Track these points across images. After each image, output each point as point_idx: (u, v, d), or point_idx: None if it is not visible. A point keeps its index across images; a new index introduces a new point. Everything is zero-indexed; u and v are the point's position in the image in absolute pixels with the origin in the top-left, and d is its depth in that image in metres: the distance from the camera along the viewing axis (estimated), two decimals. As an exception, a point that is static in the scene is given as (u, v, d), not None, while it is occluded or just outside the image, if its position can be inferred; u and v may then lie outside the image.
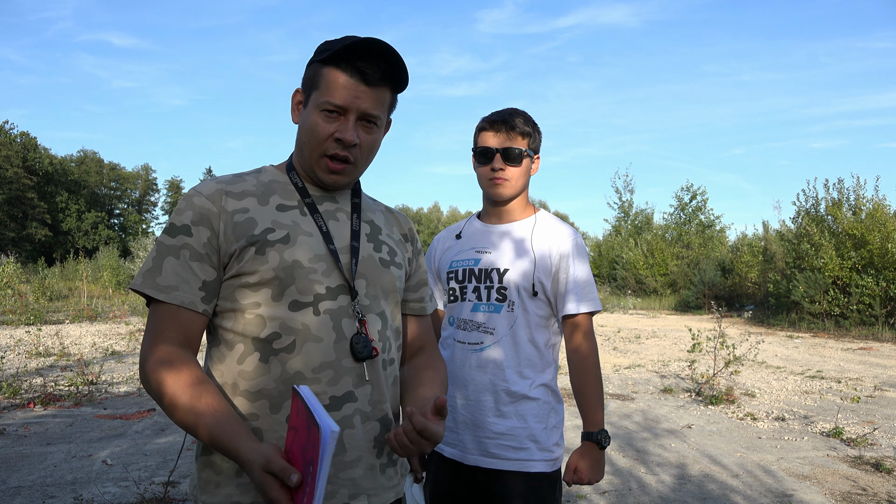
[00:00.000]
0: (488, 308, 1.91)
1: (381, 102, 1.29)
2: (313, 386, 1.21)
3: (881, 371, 9.07)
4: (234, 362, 1.23)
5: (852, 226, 15.32)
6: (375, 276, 1.33)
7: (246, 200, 1.27)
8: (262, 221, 1.25)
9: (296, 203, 1.31)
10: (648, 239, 26.17)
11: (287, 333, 1.22)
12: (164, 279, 1.20)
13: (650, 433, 5.54)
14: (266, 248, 1.22)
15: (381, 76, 1.27)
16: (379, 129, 1.32)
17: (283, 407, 1.21)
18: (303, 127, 1.30)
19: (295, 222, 1.28)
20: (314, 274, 1.24)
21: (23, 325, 12.33)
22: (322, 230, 1.29)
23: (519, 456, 1.86)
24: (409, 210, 50.44)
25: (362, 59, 1.24)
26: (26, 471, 4.19)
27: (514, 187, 1.93)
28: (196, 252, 1.22)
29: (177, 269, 1.21)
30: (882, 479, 4.41)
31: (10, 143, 41.11)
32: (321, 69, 1.27)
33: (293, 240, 1.25)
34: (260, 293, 1.22)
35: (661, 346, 11.63)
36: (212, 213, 1.24)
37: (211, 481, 1.22)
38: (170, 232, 1.24)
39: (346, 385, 1.24)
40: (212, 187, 1.27)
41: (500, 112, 1.94)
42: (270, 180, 1.33)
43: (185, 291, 1.21)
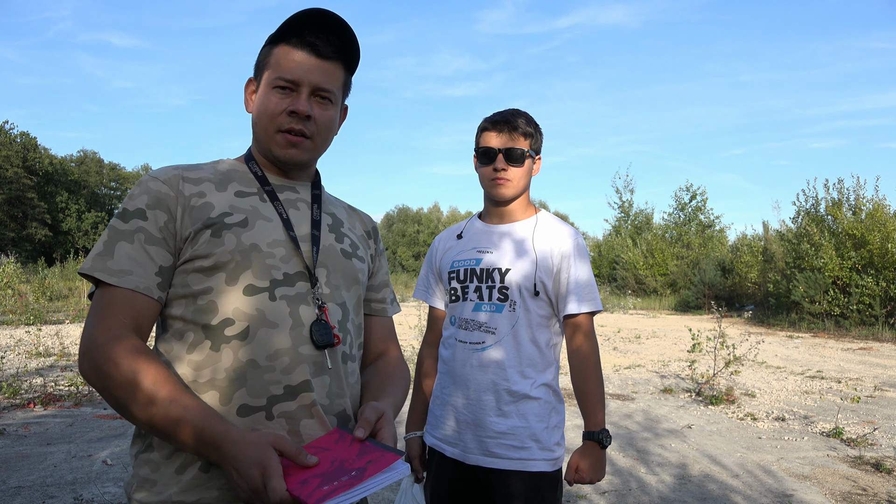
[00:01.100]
0: (490, 308, 1.92)
1: (335, 78, 1.27)
2: (267, 375, 1.15)
3: (881, 371, 9.07)
4: (184, 352, 1.16)
5: (852, 226, 15.32)
6: (337, 265, 1.29)
7: (203, 185, 1.23)
8: (220, 205, 1.21)
9: (255, 190, 1.27)
10: (648, 239, 26.17)
11: (240, 320, 1.15)
12: (117, 263, 1.14)
13: (650, 433, 5.54)
14: (223, 230, 1.18)
15: (332, 49, 1.25)
16: (334, 107, 1.28)
17: (234, 398, 1.14)
18: (256, 108, 1.27)
19: (254, 207, 1.24)
20: (272, 258, 1.19)
21: (23, 325, 12.33)
22: (282, 217, 1.25)
23: (520, 455, 1.86)
24: (409, 210, 50.41)
25: (312, 33, 1.23)
26: (26, 471, 4.19)
27: (516, 188, 1.93)
28: (152, 236, 1.16)
29: (130, 254, 1.14)
30: (882, 479, 4.41)
31: (10, 143, 41.11)
32: (271, 49, 1.25)
33: (251, 224, 1.21)
34: (214, 278, 1.16)
35: (661, 346, 11.63)
36: (169, 197, 1.19)
37: (148, 479, 1.15)
38: (122, 217, 1.18)
39: (302, 373, 1.17)
40: (168, 172, 1.23)
41: (503, 112, 1.94)
42: (229, 169, 1.29)
43: (140, 276, 1.14)
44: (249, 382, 1.14)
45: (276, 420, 1.15)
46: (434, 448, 2.00)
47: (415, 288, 2.21)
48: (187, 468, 1.13)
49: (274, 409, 1.15)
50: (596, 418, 1.87)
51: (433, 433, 2.00)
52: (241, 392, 1.14)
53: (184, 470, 1.13)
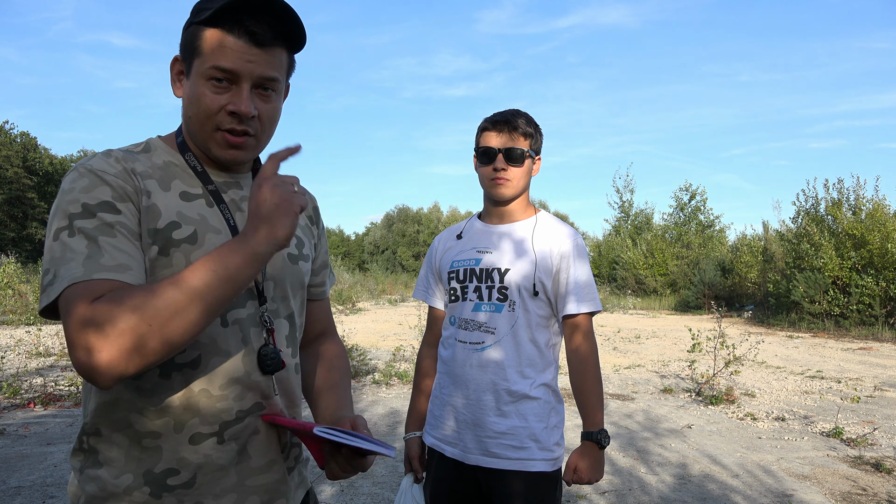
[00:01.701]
0: (489, 308, 1.92)
1: (278, 64, 1.11)
2: (220, 403, 1.10)
3: (881, 371, 9.07)
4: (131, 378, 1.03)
5: (852, 226, 15.32)
6: (283, 274, 1.21)
7: (148, 182, 1.08)
8: (167, 212, 1.07)
9: (200, 191, 1.14)
10: (648, 239, 26.17)
11: (191, 347, 1.07)
12: (112, 258, 0.97)
13: (650, 433, 5.54)
14: (171, 248, 1.06)
15: (272, 35, 1.08)
16: (278, 96, 1.14)
17: (186, 426, 1.08)
18: (188, 99, 1.11)
19: (202, 216, 1.11)
20: None
21: (23, 325, 12.34)
22: (230, 224, 1.14)
23: (520, 455, 1.86)
24: (409, 210, 50.39)
25: (250, 17, 1.06)
26: (26, 471, 4.19)
27: (516, 188, 1.94)
28: (132, 230, 1.02)
29: (120, 247, 0.99)
30: (882, 479, 4.41)
31: (10, 143, 41.11)
32: (201, 32, 1.07)
33: (200, 239, 1.09)
34: None
35: (661, 346, 11.64)
36: (130, 193, 1.04)
37: (97, 496, 1.08)
38: (85, 214, 0.99)
39: (254, 398, 1.14)
40: (114, 165, 1.06)
41: (503, 112, 1.94)
42: (165, 162, 1.14)
43: (138, 275, 0.99)
44: (203, 412, 1.09)
45: (226, 443, 1.12)
46: (433, 448, 2.00)
47: (414, 288, 2.21)
48: (136, 491, 1.07)
49: (226, 433, 1.12)
50: (594, 418, 1.87)
51: (432, 433, 2.00)
52: (194, 421, 1.09)
53: (132, 492, 1.07)
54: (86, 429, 1.12)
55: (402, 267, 45.94)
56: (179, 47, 1.13)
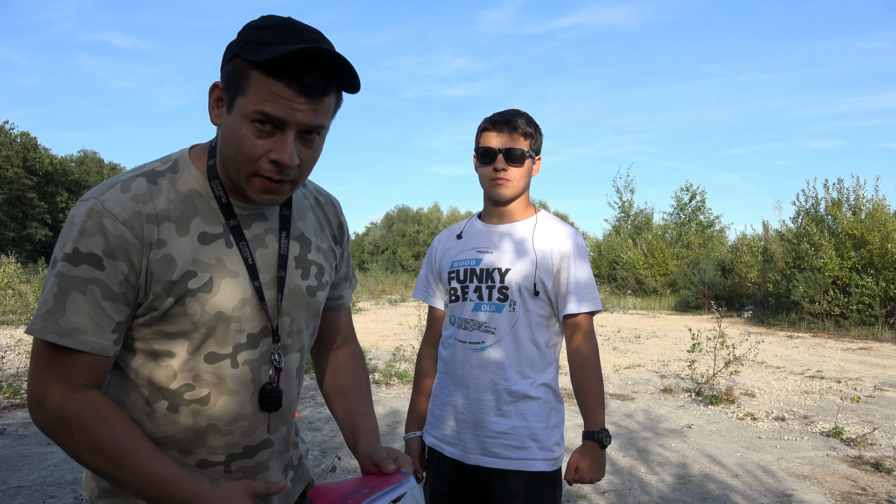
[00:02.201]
0: (489, 308, 1.92)
1: (325, 110, 1.06)
2: (227, 437, 1.15)
3: (881, 371, 9.07)
4: (141, 402, 1.12)
5: (852, 226, 15.32)
6: (300, 308, 1.21)
7: (164, 228, 1.07)
8: (182, 261, 1.07)
9: (220, 229, 1.11)
10: (648, 239, 26.16)
11: (201, 386, 1.11)
12: (68, 321, 1.01)
13: (650, 433, 5.54)
14: (186, 297, 1.07)
15: (323, 85, 1.02)
16: (321, 140, 1.11)
17: (195, 452, 1.14)
18: (228, 137, 1.05)
19: (219, 259, 1.10)
20: (237, 323, 1.11)
21: (23, 325, 12.33)
22: (248, 263, 1.12)
23: (520, 455, 1.86)
24: (409, 210, 50.38)
25: (304, 69, 1.00)
26: (26, 471, 4.19)
27: (516, 188, 1.94)
28: (109, 290, 1.03)
29: (84, 309, 1.02)
30: (882, 479, 4.41)
31: (11, 143, 41.10)
32: (249, 70, 1.01)
33: (216, 286, 1.09)
34: (175, 343, 1.09)
35: (661, 346, 11.63)
36: (131, 245, 1.03)
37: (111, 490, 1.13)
38: (72, 260, 1.02)
39: (261, 434, 1.19)
40: (127, 207, 1.04)
41: (503, 113, 1.94)
42: (190, 190, 1.11)
43: (96, 335, 1.03)
44: (210, 443, 1.14)
45: (233, 473, 1.17)
46: (433, 448, 2.00)
47: (414, 288, 2.21)
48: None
49: (233, 464, 1.17)
50: (595, 418, 1.87)
51: (433, 433, 2.00)
52: (201, 450, 1.14)
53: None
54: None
55: (402, 267, 45.95)
56: (221, 75, 1.07)
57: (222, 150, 1.09)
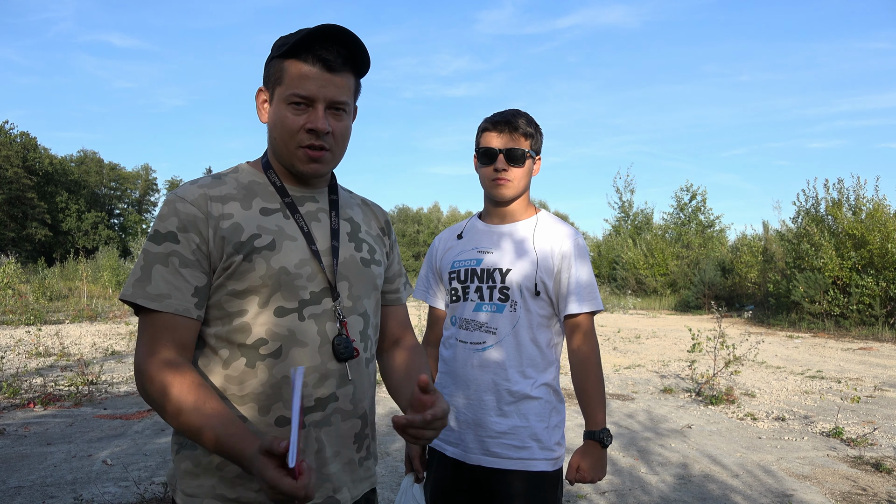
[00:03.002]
0: (490, 308, 1.92)
1: (347, 88, 1.29)
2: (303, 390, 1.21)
3: (881, 371, 9.07)
4: (220, 367, 1.24)
5: (852, 226, 15.32)
6: (357, 276, 1.35)
7: (230, 205, 1.27)
8: (248, 227, 1.25)
9: (278, 205, 1.31)
10: (648, 239, 26.16)
11: (273, 339, 1.23)
12: (155, 287, 1.19)
13: (650, 433, 5.54)
14: (253, 255, 1.23)
15: (342, 61, 1.27)
16: (348, 116, 1.32)
17: (272, 409, 1.23)
18: (273, 123, 1.30)
19: (279, 227, 1.28)
20: (300, 279, 1.26)
21: (23, 325, 12.33)
22: (304, 231, 1.30)
23: (521, 455, 1.86)
24: (409, 210, 50.40)
25: (322, 47, 1.24)
26: (26, 471, 4.19)
27: (517, 188, 1.93)
28: (185, 259, 1.21)
29: (167, 277, 1.20)
30: (882, 479, 4.41)
31: (10, 143, 41.10)
32: (282, 63, 1.27)
33: (279, 246, 1.26)
34: (246, 300, 1.23)
35: (661, 346, 11.63)
36: (199, 219, 1.23)
37: (190, 472, 1.24)
38: (155, 239, 1.22)
39: (330, 386, 1.28)
40: (195, 192, 1.26)
41: (503, 113, 1.94)
42: (250, 181, 1.33)
43: (178, 299, 1.20)
44: (285, 396, 1.24)
45: (306, 428, 1.26)
46: (434, 448, 2.00)
47: (414, 287, 2.21)
48: (227, 466, 1.22)
49: (306, 418, 1.26)
50: (597, 418, 1.87)
51: (433, 433, 2.00)
52: (278, 405, 1.23)
53: (224, 467, 1.22)
54: None
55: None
56: (263, 79, 1.33)
57: (271, 136, 1.31)
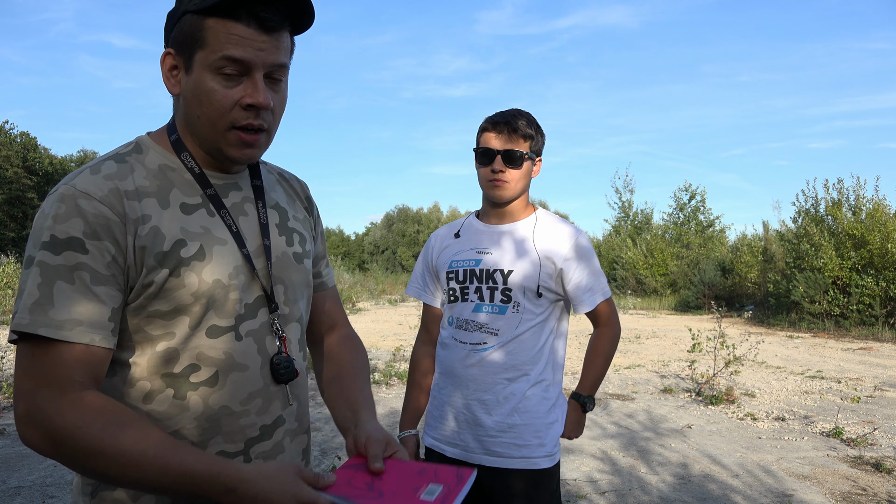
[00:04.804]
0: (492, 309, 1.92)
1: (286, 49, 1.04)
2: (242, 419, 1.06)
3: (881, 371, 9.07)
4: (140, 402, 1.01)
5: (852, 226, 15.31)
6: (291, 275, 1.16)
7: (145, 203, 1.01)
8: (170, 232, 1.01)
9: (199, 199, 1.07)
10: (648, 239, 26.16)
11: (207, 365, 1.03)
12: (60, 312, 0.92)
13: (650, 433, 5.54)
14: (181, 268, 1.00)
15: (281, 19, 1.01)
16: (285, 83, 1.08)
17: (209, 445, 1.04)
18: (194, 97, 1.01)
19: (205, 228, 1.05)
20: (234, 291, 1.05)
21: (23, 325, 12.31)
22: (233, 231, 1.08)
23: (522, 454, 1.86)
24: (409, 210, 50.36)
25: (260, 7, 0.98)
26: (26, 471, 4.19)
27: (514, 189, 1.93)
28: (97, 273, 0.95)
29: (74, 298, 0.93)
30: (882, 479, 4.41)
31: (10, 143, 41.12)
32: (202, 21, 0.98)
33: (209, 254, 1.03)
34: (174, 322, 1.01)
35: (661, 346, 11.63)
36: (113, 223, 0.96)
37: None
38: (52, 248, 0.93)
39: (275, 411, 1.11)
40: (102, 185, 0.98)
41: (503, 113, 1.94)
42: (160, 165, 1.06)
43: (93, 325, 0.94)
44: (225, 429, 1.05)
45: (254, 461, 1.09)
46: (433, 449, 1.99)
47: (408, 284, 2.19)
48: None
49: (251, 450, 1.09)
50: (587, 384, 2.01)
51: (432, 434, 2.00)
52: (216, 439, 1.05)
53: None
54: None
55: (402, 267, 45.93)
56: (171, 40, 1.03)
57: (188, 113, 1.05)
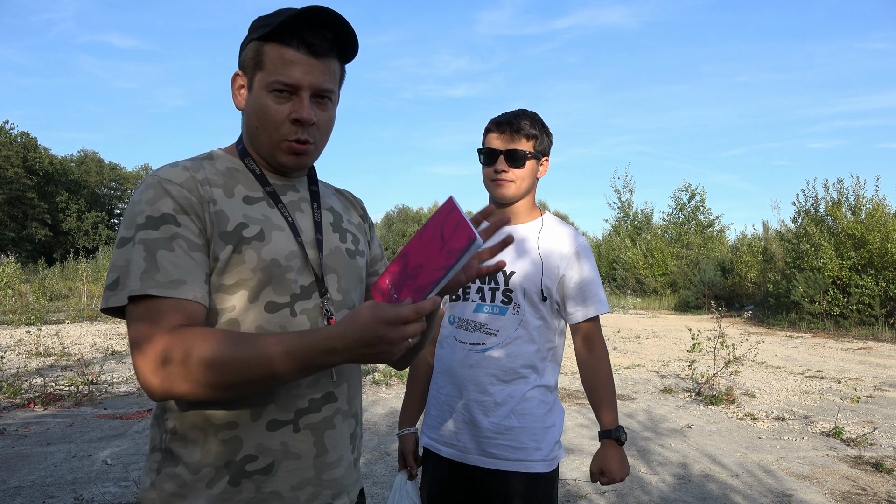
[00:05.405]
0: (492, 309, 1.91)
1: (333, 75, 1.19)
2: (295, 390, 1.16)
3: (881, 371, 9.07)
4: None
5: (852, 226, 15.32)
6: (344, 268, 1.27)
7: (214, 191, 1.16)
8: (233, 216, 1.15)
9: (261, 194, 1.21)
10: (648, 239, 26.16)
11: None
12: (166, 274, 1.05)
13: (650, 433, 5.54)
14: (242, 245, 1.13)
15: (329, 46, 1.17)
16: (333, 105, 1.23)
17: (263, 413, 1.14)
18: (253, 112, 1.19)
19: (265, 215, 1.19)
20: (290, 272, 1.17)
21: (23, 325, 12.32)
22: (289, 222, 1.21)
23: (518, 456, 1.86)
24: (409, 210, 50.36)
25: (308, 30, 1.14)
26: (26, 471, 4.19)
27: (518, 189, 1.93)
28: (191, 242, 1.09)
29: (176, 262, 1.06)
30: (882, 479, 4.42)
31: (11, 143, 41.09)
32: (262, 47, 1.16)
33: (267, 236, 1.16)
34: (235, 296, 1.13)
35: (661, 346, 11.63)
36: (194, 203, 1.11)
37: (175, 494, 1.13)
38: (150, 225, 1.07)
39: (325, 386, 1.20)
40: (181, 174, 1.13)
41: (508, 113, 1.93)
42: (228, 167, 1.22)
43: (193, 284, 1.07)
44: (277, 398, 1.15)
45: (302, 432, 1.17)
46: (430, 449, 1.99)
47: None
48: (216, 483, 1.12)
49: (300, 421, 1.17)
50: (609, 417, 1.91)
51: (429, 434, 2.00)
52: (270, 407, 1.14)
53: (213, 485, 1.12)
54: (163, 426, 1.16)
55: (401, 267, 45.88)
56: (240, 63, 1.23)
57: (249, 126, 1.21)
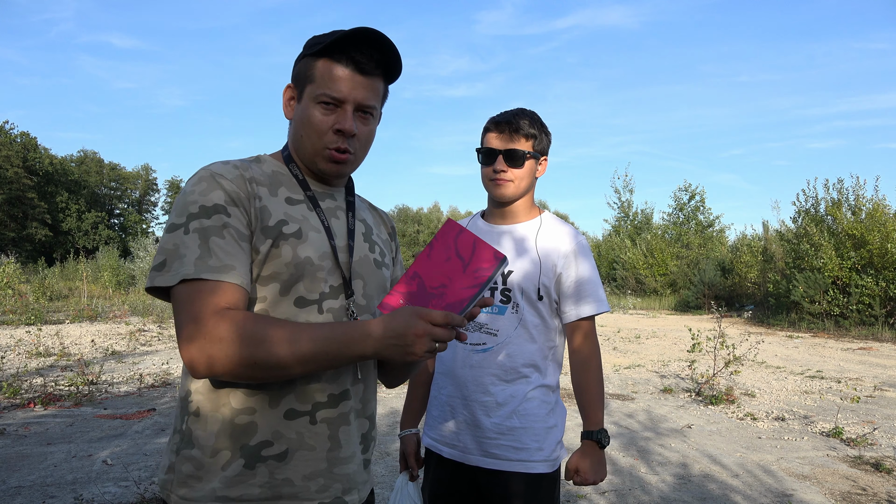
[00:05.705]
0: (491, 309, 1.91)
1: (376, 92, 1.30)
2: (315, 384, 1.22)
3: (881, 371, 9.07)
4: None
5: (852, 226, 15.32)
6: (370, 275, 1.35)
7: (259, 189, 1.25)
8: (276, 213, 1.24)
9: (302, 197, 1.30)
10: (648, 239, 26.15)
11: None
12: (218, 260, 1.13)
13: (650, 433, 5.54)
14: (280, 241, 1.21)
15: (374, 65, 1.27)
16: (374, 121, 1.32)
17: (282, 402, 1.20)
18: (300, 121, 1.29)
19: (304, 216, 1.27)
20: (321, 272, 1.24)
21: (23, 325, 12.31)
22: (325, 226, 1.29)
23: (520, 456, 1.86)
24: (409, 210, 50.37)
25: (357, 49, 1.24)
26: (26, 471, 4.19)
27: (517, 188, 1.93)
28: (240, 232, 1.17)
29: (227, 249, 1.14)
30: (882, 479, 4.42)
31: (11, 143, 41.10)
32: (314, 62, 1.26)
33: (304, 235, 1.24)
34: (267, 288, 1.20)
35: (661, 346, 11.63)
36: (242, 197, 1.20)
37: (192, 475, 1.19)
38: (204, 214, 1.16)
39: (344, 383, 1.26)
40: (231, 171, 1.23)
41: (507, 113, 1.93)
42: (273, 171, 1.31)
43: (241, 272, 1.15)
44: (297, 389, 1.21)
45: (318, 424, 1.23)
46: (431, 449, 1.99)
47: None
48: (231, 465, 1.18)
49: (317, 414, 1.23)
50: (595, 418, 1.88)
51: (431, 434, 2.00)
52: (289, 397, 1.20)
53: (227, 467, 1.18)
54: (186, 409, 1.22)
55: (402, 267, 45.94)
56: (292, 76, 1.32)
57: (295, 134, 1.31)
